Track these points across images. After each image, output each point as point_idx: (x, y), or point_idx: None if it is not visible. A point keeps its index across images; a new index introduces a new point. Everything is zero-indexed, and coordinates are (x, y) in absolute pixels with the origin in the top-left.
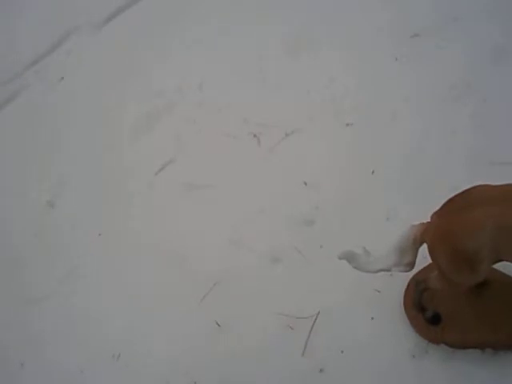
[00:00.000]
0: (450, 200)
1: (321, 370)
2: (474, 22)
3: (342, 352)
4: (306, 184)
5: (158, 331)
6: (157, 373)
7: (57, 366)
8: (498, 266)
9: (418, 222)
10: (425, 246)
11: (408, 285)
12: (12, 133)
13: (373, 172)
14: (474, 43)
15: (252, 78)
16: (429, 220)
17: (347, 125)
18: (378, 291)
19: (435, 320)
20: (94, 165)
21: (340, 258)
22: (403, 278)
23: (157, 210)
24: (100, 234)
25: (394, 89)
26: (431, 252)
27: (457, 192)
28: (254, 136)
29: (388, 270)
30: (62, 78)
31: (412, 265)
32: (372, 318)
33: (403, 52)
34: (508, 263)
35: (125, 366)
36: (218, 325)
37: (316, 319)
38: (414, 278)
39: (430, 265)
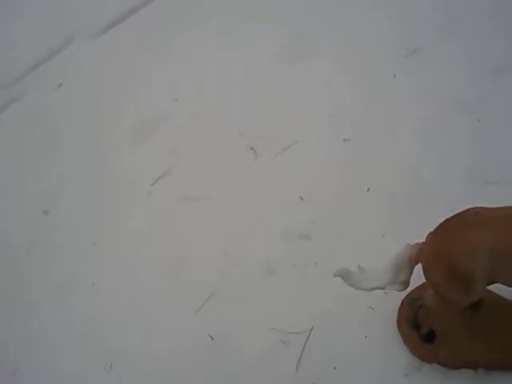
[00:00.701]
0: (446, 221)
1: None
2: (472, 39)
3: (335, 368)
4: (301, 199)
5: (152, 342)
6: None
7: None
8: (492, 287)
9: (413, 242)
10: (420, 265)
11: (402, 303)
12: (9, 138)
13: (368, 189)
14: (472, 61)
15: (250, 92)
16: (424, 240)
17: (344, 140)
18: (372, 308)
19: (430, 337)
20: (91, 173)
21: (335, 276)
22: (397, 296)
23: (153, 221)
24: (96, 243)
25: (391, 105)
26: (426, 272)
27: (452, 211)
28: (251, 149)
29: (382, 288)
30: (61, 83)
31: (406, 284)
32: (366, 336)
33: (401, 68)
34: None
35: (118, 378)
36: (212, 338)
37: (309, 335)
38: (408, 295)
39: (424, 283)
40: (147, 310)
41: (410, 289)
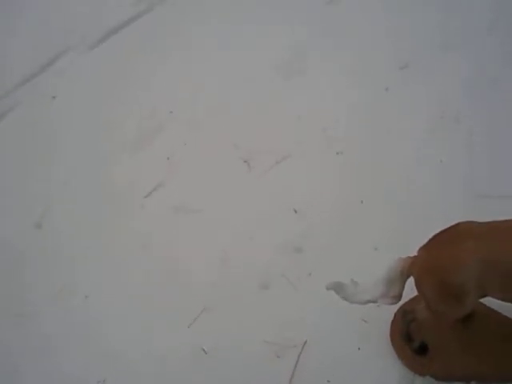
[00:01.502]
0: (437, 234)
1: None
2: (463, 53)
3: (329, 382)
4: (295, 211)
5: (144, 356)
6: None
7: None
8: (484, 300)
9: (405, 255)
10: (412, 278)
11: (395, 316)
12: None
13: (362, 202)
14: (464, 75)
15: (244, 104)
16: (416, 253)
17: (337, 153)
18: (365, 321)
19: (422, 350)
20: (85, 184)
21: (328, 289)
22: (390, 309)
23: (146, 234)
24: (87, 257)
25: (383, 119)
26: (418, 285)
27: (445, 224)
28: (245, 161)
29: (375, 302)
30: (54, 97)
31: (399, 297)
32: (359, 348)
33: (393, 82)
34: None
35: None
36: (205, 352)
37: (303, 348)
38: (401, 308)
39: (417, 296)
40: (139, 323)
41: (403, 301)
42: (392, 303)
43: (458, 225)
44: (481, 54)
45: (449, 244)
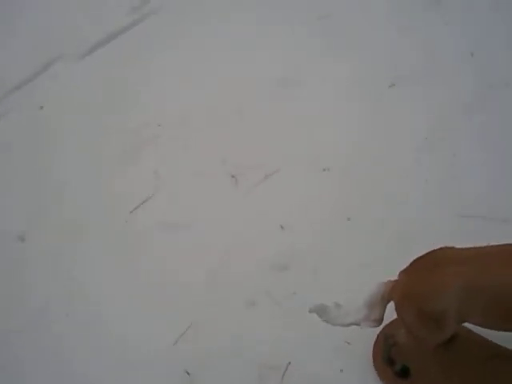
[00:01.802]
0: (418, 259)
1: None
2: (450, 73)
3: None
4: (282, 228)
5: (126, 377)
6: None
7: None
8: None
9: (389, 277)
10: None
11: (377, 338)
12: None
13: (349, 219)
14: (449, 95)
15: (232, 119)
16: (397, 278)
17: (324, 170)
18: (348, 343)
19: (404, 373)
20: (69, 198)
21: (310, 312)
22: (373, 331)
23: (130, 249)
24: (71, 278)
25: (370, 137)
26: (398, 310)
27: (429, 243)
28: (232, 177)
29: (357, 324)
30: (41, 107)
31: (380, 321)
32: (341, 370)
33: (380, 101)
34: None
35: None
36: (188, 373)
37: (286, 369)
38: (383, 331)
39: (398, 319)
40: (122, 342)
41: (386, 323)
42: (374, 326)
43: (438, 250)
44: (467, 74)
45: (429, 269)
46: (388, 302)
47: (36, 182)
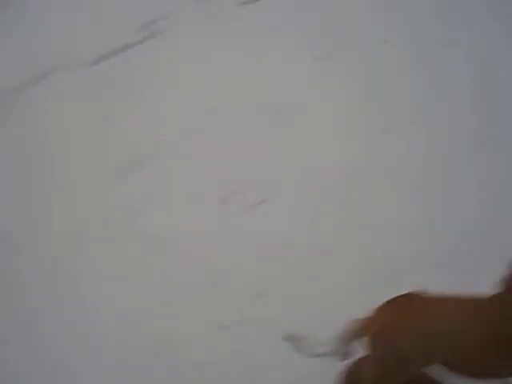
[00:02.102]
0: (390, 300)
1: None
2: (442, 118)
3: None
4: (262, 255)
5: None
6: None
7: None
8: None
9: (358, 317)
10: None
11: (345, 371)
12: None
13: (331, 252)
14: (440, 140)
15: (227, 143)
16: (369, 315)
17: (312, 201)
18: (318, 372)
19: None
20: (59, 210)
21: (283, 340)
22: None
23: (115, 266)
24: (54, 299)
25: (361, 180)
26: (370, 345)
27: (407, 284)
28: (221, 201)
29: (328, 356)
30: (40, 114)
31: (349, 355)
32: None
33: (374, 146)
34: None
35: None
36: None
37: None
38: (350, 365)
39: (366, 356)
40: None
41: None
42: (344, 359)
43: (412, 292)
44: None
45: (399, 311)
46: (359, 338)
47: (28, 190)
